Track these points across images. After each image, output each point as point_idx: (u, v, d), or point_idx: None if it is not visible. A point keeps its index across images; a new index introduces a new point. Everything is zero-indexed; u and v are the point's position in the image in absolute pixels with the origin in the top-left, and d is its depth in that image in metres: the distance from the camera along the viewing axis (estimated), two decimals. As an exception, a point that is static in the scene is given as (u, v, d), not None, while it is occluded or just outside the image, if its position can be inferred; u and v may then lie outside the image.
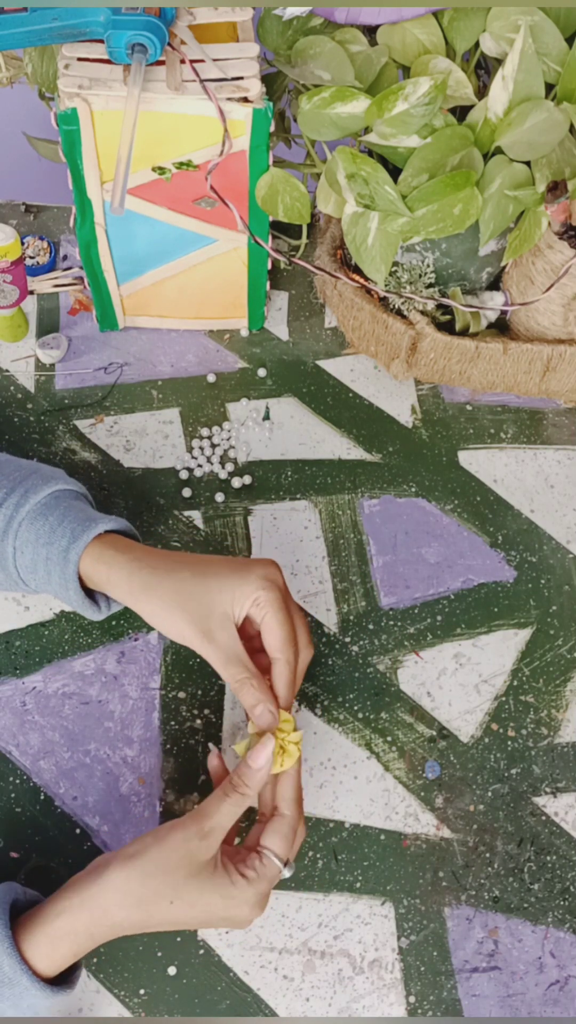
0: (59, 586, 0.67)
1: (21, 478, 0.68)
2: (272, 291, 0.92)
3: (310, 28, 0.74)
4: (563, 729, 0.73)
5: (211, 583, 0.62)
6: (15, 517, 0.66)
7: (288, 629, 0.62)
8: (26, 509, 0.66)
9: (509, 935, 0.67)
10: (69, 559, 0.65)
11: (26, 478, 0.68)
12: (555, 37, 0.70)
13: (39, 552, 0.66)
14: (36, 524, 0.66)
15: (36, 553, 0.66)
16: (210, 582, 0.62)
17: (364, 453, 0.84)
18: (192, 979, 0.64)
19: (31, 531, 0.66)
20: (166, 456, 0.83)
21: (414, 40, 0.73)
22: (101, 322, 0.88)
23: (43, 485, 0.68)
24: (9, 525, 0.66)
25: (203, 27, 0.71)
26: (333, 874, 0.68)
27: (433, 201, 0.70)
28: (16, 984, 0.55)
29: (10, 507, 0.66)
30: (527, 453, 0.85)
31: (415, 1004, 0.64)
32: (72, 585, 0.66)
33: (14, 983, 0.55)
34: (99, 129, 0.70)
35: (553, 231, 0.77)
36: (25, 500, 0.67)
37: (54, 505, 0.67)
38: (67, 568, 0.65)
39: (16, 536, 0.66)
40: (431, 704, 0.74)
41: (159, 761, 0.70)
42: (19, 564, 0.67)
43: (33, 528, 0.66)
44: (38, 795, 0.69)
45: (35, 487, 0.67)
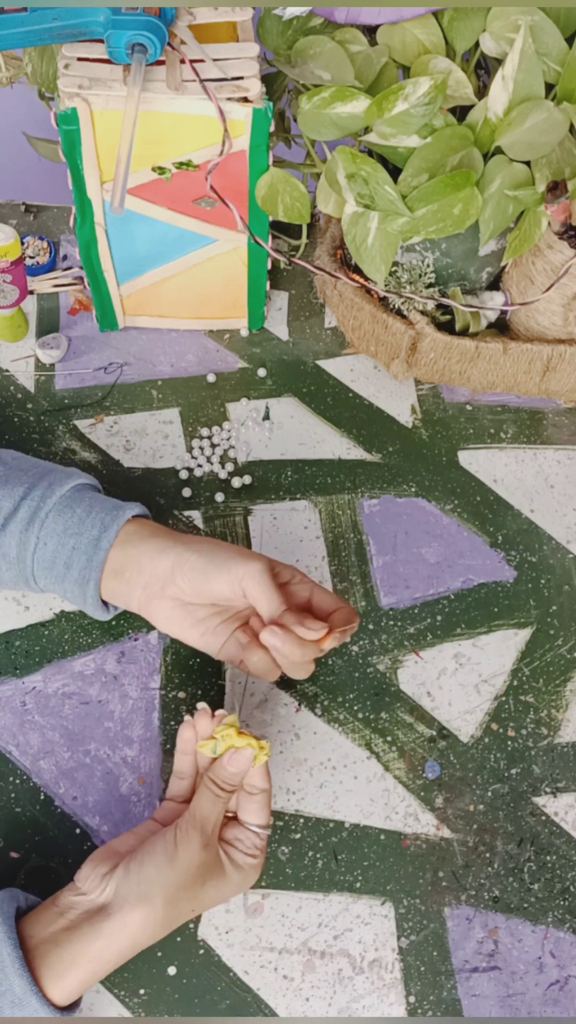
0: (76, 581, 0.67)
1: (42, 473, 0.69)
2: (272, 291, 0.92)
3: (310, 28, 0.74)
4: (563, 729, 0.73)
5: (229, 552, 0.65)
6: (42, 507, 0.67)
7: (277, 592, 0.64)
8: (53, 500, 0.67)
9: (509, 935, 0.67)
10: (100, 546, 0.66)
11: (47, 473, 0.69)
12: (555, 37, 0.70)
13: (64, 543, 0.66)
14: (64, 516, 0.67)
15: (61, 544, 0.66)
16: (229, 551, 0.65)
17: (364, 453, 0.84)
18: (192, 979, 0.64)
19: (58, 522, 0.67)
20: (166, 456, 0.83)
21: (414, 40, 0.73)
22: (101, 322, 0.88)
23: (66, 479, 0.69)
24: (35, 516, 0.66)
25: (203, 27, 0.71)
26: (333, 874, 0.68)
27: (433, 201, 0.70)
28: (26, 1005, 0.54)
29: (36, 499, 0.67)
30: (527, 453, 0.85)
31: (415, 1004, 0.64)
32: (94, 577, 0.66)
33: (24, 1005, 0.54)
34: (99, 129, 0.70)
35: (553, 231, 0.77)
36: (51, 492, 0.67)
37: (79, 498, 0.68)
38: (96, 556, 0.66)
39: (42, 527, 0.67)
40: (431, 704, 0.74)
41: (159, 761, 0.70)
42: (38, 557, 0.67)
43: (61, 519, 0.67)
44: (38, 795, 0.69)
45: (59, 480, 0.68)
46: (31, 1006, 0.54)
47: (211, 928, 0.66)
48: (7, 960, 0.55)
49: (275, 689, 0.73)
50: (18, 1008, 0.54)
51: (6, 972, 0.54)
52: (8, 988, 0.54)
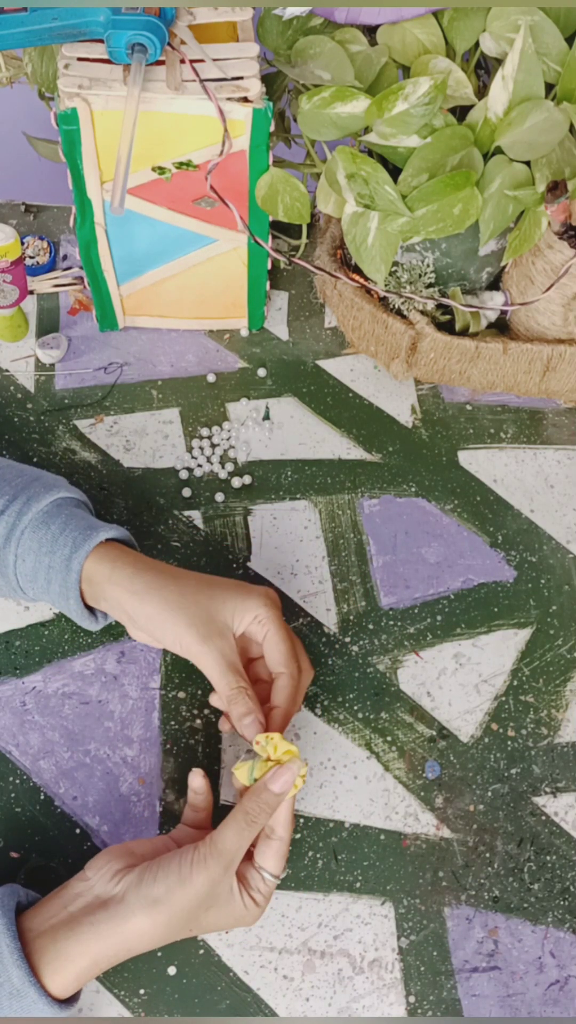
0: (58, 595, 0.67)
1: (23, 485, 0.68)
2: (272, 291, 0.92)
3: (310, 28, 0.74)
4: (563, 729, 0.73)
5: (215, 592, 0.65)
6: (17, 525, 0.66)
7: (290, 645, 0.65)
8: (28, 517, 0.67)
9: (509, 935, 0.67)
10: (71, 568, 0.65)
11: (28, 485, 0.68)
12: (555, 37, 0.70)
13: (41, 561, 0.66)
14: (39, 532, 0.66)
15: (38, 562, 0.66)
16: (215, 591, 0.65)
17: (364, 453, 0.84)
18: (192, 979, 0.64)
19: (33, 539, 0.66)
20: (166, 456, 0.83)
21: (414, 40, 0.73)
22: (101, 322, 0.88)
23: (45, 493, 0.68)
24: (12, 533, 0.66)
25: (203, 27, 0.71)
26: (333, 874, 0.68)
27: (433, 201, 0.70)
28: (24, 997, 0.54)
29: (12, 515, 0.67)
30: (527, 453, 0.85)
31: (415, 1004, 0.64)
32: (73, 594, 0.66)
33: (22, 995, 0.54)
34: (99, 129, 0.70)
35: (553, 231, 0.77)
36: (28, 508, 0.67)
37: (56, 513, 0.67)
38: (69, 577, 0.66)
39: (19, 544, 0.66)
40: (431, 704, 0.74)
41: (159, 761, 0.70)
42: (19, 572, 0.67)
43: (36, 536, 0.66)
44: (38, 795, 0.69)
45: (37, 495, 0.68)
46: (29, 997, 0.54)
47: (211, 928, 0.66)
48: (5, 951, 0.55)
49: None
50: (16, 999, 0.54)
51: (4, 963, 0.55)
52: (7, 979, 0.55)
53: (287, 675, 0.65)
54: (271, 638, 0.65)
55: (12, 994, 0.55)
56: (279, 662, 0.65)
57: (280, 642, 0.64)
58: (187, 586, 0.65)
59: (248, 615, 0.64)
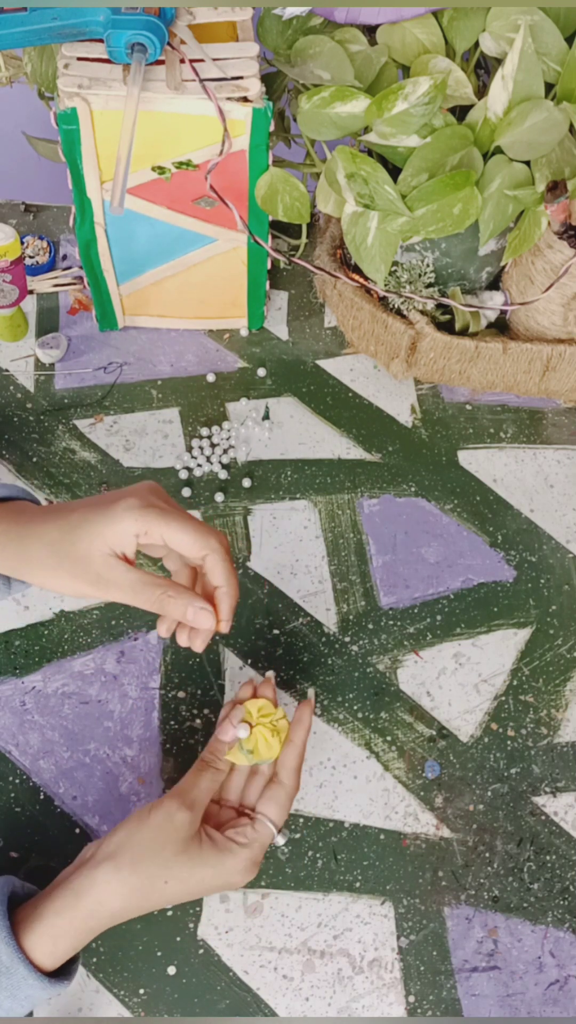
0: None
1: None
2: (272, 291, 0.92)
3: (310, 28, 0.74)
4: (563, 729, 0.73)
5: (80, 534, 0.58)
6: None
7: (191, 526, 0.58)
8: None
9: (509, 935, 0.67)
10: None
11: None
12: (555, 37, 0.70)
13: None
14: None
15: None
16: (79, 533, 0.58)
17: (364, 453, 0.84)
18: (192, 979, 0.64)
19: None
20: (166, 456, 0.83)
21: (414, 40, 0.73)
22: (101, 322, 0.88)
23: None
24: None
25: (203, 27, 0.71)
26: (333, 874, 0.68)
27: (433, 201, 0.70)
28: (13, 973, 0.55)
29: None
30: (527, 453, 0.85)
31: (415, 1004, 0.64)
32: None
33: (12, 972, 0.55)
34: (99, 129, 0.70)
35: (553, 231, 0.77)
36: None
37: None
38: None
39: None
40: (431, 704, 0.74)
41: (159, 761, 0.70)
42: None
43: None
44: (38, 795, 0.69)
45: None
46: (18, 973, 0.55)
47: (211, 928, 0.66)
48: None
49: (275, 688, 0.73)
50: (6, 975, 0.55)
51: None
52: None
53: (211, 554, 0.58)
54: (170, 537, 0.58)
55: (1, 972, 0.55)
56: (194, 550, 0.58)
57: (181, 534, 0.57)
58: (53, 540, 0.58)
59: (127, 538, 0.57)
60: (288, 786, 0.62)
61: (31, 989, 0.55)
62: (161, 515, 0.57)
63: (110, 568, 0.57)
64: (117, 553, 0.57)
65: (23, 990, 0.55)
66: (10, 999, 0.55)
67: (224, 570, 0.59)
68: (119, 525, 0.57)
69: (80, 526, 0.58)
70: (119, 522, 0.57)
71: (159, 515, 0.57)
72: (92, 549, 0.57)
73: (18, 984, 0.55)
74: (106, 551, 0.57)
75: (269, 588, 0.77)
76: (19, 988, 0.55)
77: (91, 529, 0.57)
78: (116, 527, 0.57)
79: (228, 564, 0.59)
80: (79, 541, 0.57)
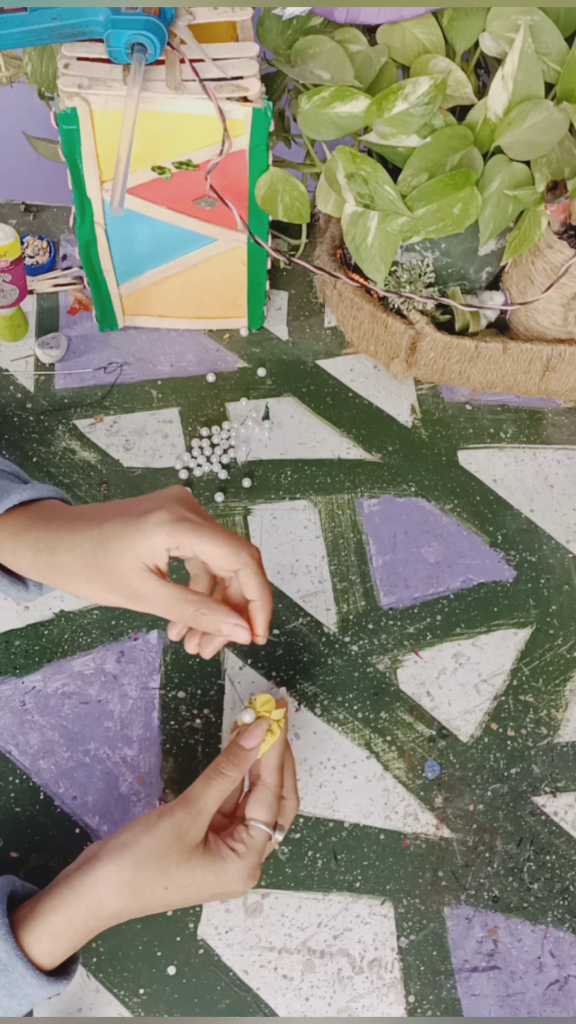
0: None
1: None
2: (272, 291, 0.92)
3: (310, 28, 0.74)
4: (562, 729, 0.73)
5: (111, 547, 0.57)
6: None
7: (224, 539, 0.57)
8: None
9: (508, 935, 0.67)
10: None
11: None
12: (555, 37, 0.70)
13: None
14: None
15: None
16: (110, 547, 0.57)
17: (364, 453, 0.84)
18: (192, 979, 0.64)
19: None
20: (166, 456, 0.83)
21: (414, 40, 0.73)
22: (101, 322, 0.88)
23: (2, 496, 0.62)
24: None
25: (203, 27, 0.71)
26: (333, 874, 0.68)
27: (433, 201, 0.70)
28: (12, 971, 0.55)
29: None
30: (527, 453, 0.85)
31: (414, 1004, 0.64)
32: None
33: (10, 970, 0.55)
34: (99, 129, 0.70)
35: (553, 231, 0.77)
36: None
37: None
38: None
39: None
40: (431, 704, 0.74)
41: (159, 761, 0.70)
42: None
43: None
44: (38, 795, 0.69)
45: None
46: (16, 970, 0.55)
47: (211, 928, 0.66)
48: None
49: (275, 688, 0.73)
50: (4, 974, 0.55)
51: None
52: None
53: (244, 568, 0.58)
54: (202, 551, 0.57)
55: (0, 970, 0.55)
56: (227, 563, 0.57)
57: (213, 546, 0.57)
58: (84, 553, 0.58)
59: (159, 552, 0.57)
60: (271, 784, 0.61)
61: (30, 988, 0.55)
62: (193, 529, 0.56)
63: (143, 583, 0.57)
64: (150, 566, 0.57)
65: (22, 988, 0.55)
66: (8, 997, 0.55)
67: (258, 583, 0.58)
68: (150, 540, 0.56)
69: (111, 540, 0.57)
70: (150, 536, 0.56)
71: (190, 529, 0.56)
72: (124, 563, 0.57)
73: (16, 982, 0.55)
74: (138, 565, 0.57)
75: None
76: (18, 986, 0.55)
77: (122, 543, 0.57)
78: (147, 541, 0.56)
79: (261, 577, 0.59)
80: (111, 555, 0.57)
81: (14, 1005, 0.56)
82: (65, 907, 0.56)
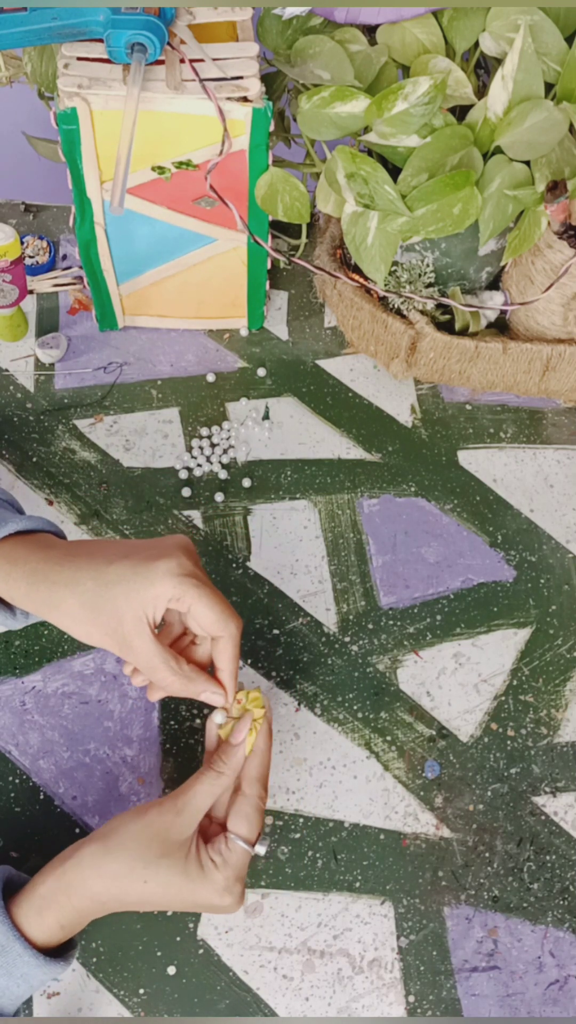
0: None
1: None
2: (272, 291, 0.92)
3: (310, 27, 0.74)
4: (562, 729, 0.73)
5: (116, 591, 0.58)
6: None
7: (219, 607, 0.59)
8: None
9: (508, 935, 0.67)
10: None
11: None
12: (555, 37, 0.70)
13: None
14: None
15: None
16: (115, 590, 0.58)
17: (364, 453, 0.84)
18: (192, 979, 0.64)
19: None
20: (166, 456, 0.83)
21: (414, 40, 0.73)
22: (100, 322, 0.88)
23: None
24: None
25: (203, 26, 0.71)
26: (333, 874, 0.68)
27: (433, 201, 0.70)
28: (9, 951, 0.55)
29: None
30: (527, 453, 0.85)
31: (414, 1004, 0.64)
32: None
33: (7, 950, 0.55)
34: (99, 128, 0.70)
35: (553, 231, 0.77)
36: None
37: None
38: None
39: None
40: (430, 704, 0.74)
41: (159, 761, 0.70)
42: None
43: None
44: (38, 795, 0.69)
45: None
46: (14, 950, 0.55)
47: (210, 928, 0.66)
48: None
49: (275, 688, 0.73)
50: (1, 954, 0.55)
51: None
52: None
53: (225, 638, 0.60)
54: (195, 611, 0.58)
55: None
56: (213, 628, 0.59)
57: (208, 609, 0.58)
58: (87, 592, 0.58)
59: (161, 601, 0.58)
60: (251, 796, 0.61)
61: (26, 967, 0.56)
62: (196, 587, 0.58)
63: (137, 634, 0.58)
64: (148, 615, 0.58)
65: (19, 967, 0.56)
66: (6, 976, 0.56)
67: (231, 656, 0.61)
68: (156, 588, 0.57)
69: (117, 583, 0.58)
70: (157, 585, 0.57)
71: (195, 586, 0.58)
72: (126, 609, 0.57)
73: (13, 962, 0.56)
74: (139, 614, 0.58)
75: (269, 588, 0.77)
76: (15, 965, 0.56)
77: (128, 588, 0.57)
78: (153, 589, 0.57)
79: (235, 651, 0.61)
80: (116, 599, 0.57)
81: (11, 985, 0.56)
82: (50, 880, 0.57)
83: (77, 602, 0.58)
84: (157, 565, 0.58)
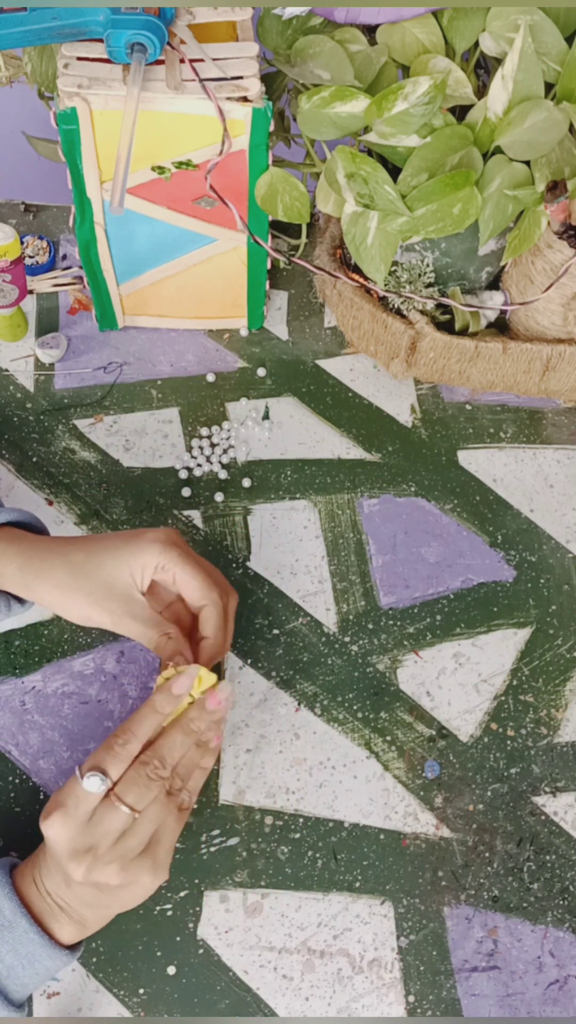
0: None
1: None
2: (272, 291, 0.92)
3: (310, 27, 0.74)
4: (562, 729, 0.73)
5: (105, 559, 0.62)
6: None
7: (203, 575, 0.63)
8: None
9: (508, 935, 0.67)
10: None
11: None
12: (555, 37, 0.70)
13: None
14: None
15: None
16: (104, 558, 0.62)
17: (364, 453, 0.84)
18: (191, 978, 0.64)
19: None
20: (165, 456, 0.83)
21: (414, 39, 0.73)
22: (100, 322, 0.88)
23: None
24: None
25: (202, 26, 0.71)
26: (332, 874, 0.68)
27: (433, 201, 0.70)
28: (15, 927, 0.56)
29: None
30: (527, 453, 0.85)
31: (414, 1004, 0.64)
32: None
33: (14, 926, 0.56)
34: (98, 128, 0.70)
35: (553, 230, 0.77)
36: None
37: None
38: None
39: None
40: (430, 704, 0.74)
41: (159, 761, 0.70)
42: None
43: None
44: (38, 795, 0.69)
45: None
46: (20, 927, 0.56)
47: (210, 927, 0.66)
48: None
49: (275, 688, 0.73)
50: (8, 930, 0.56)
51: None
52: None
53: (209, 605, 0.63)
54: (181, 578, 0.62)
55: (4, 926, 0.56)
56: (197, 597, 0.63)
57: (191, 579, 0.62)
58: (77, 562, 0.62)
59: (148, 568, 0.62)
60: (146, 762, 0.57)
61: (32, 945, 0.56)
62: (181, 556, 0.62)
63: (129, 599, 0.61)
64: (136, 581, 0.61)
65: (24, 945, 0.56)
66: (12, 954, 0.56)
67: (215, 624, 0.63)
68: (145, 555, 0.61)
69: (106, 551, 0.62)
70: (145, 552, 0.61)
71: (180, 555, 0.62)
72: (117, 574, 0.61)
73: (19, 939, 0.56)
74: (128, 580, 0.61)
75: (269, 588, 0.77)
76: (20, 943, 0.56)
77: (117, 555, 0.62)
78: (142, 556, 0.61)
79: (221, 620, 0.63)
80: (105, 565, 0.61)
81: (17, 965, 0.56)
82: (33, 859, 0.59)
83: (66, 571, 0.61)
84: (144, 535, 0.63)
